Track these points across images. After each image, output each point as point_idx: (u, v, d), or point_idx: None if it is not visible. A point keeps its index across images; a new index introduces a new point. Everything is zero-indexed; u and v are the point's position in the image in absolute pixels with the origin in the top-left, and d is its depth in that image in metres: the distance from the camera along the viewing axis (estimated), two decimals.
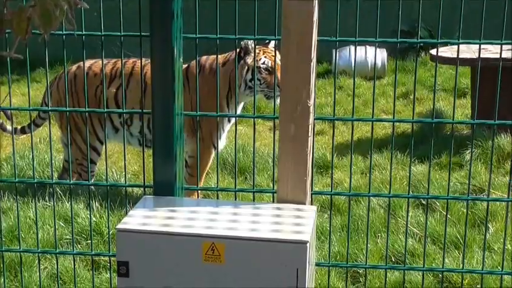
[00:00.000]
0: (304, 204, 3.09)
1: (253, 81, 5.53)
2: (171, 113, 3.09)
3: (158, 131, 3.14)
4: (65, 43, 3.36)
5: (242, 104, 5.95)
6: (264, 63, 5.58)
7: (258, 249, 2.76)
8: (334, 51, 9.66)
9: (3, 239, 3.85)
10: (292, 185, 3.08)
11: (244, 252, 2.77)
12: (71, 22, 2.13)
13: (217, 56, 3.37)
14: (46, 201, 5.55)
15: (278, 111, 3.06)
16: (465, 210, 5.31)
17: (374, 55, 9.48)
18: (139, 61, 5.74)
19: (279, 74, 5.45)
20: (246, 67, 5.58)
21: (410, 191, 4.22)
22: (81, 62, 5.86)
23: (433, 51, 7.39)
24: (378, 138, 7.24)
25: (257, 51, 5.57)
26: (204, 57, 5.77)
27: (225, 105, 5.69)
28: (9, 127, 6.07)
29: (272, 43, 5.68)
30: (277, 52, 5.53)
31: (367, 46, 9.50)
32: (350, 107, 8.27)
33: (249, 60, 5.55)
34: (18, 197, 5.35)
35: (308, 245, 2.75)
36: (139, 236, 2.83)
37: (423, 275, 3.76)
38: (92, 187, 5.17)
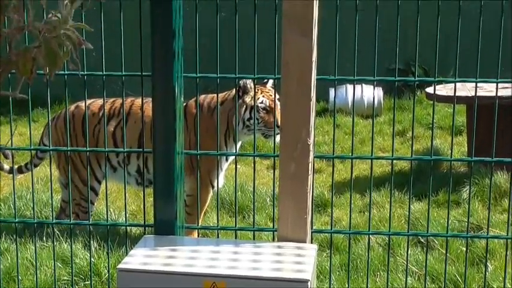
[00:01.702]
0: (305, 242, 3.10)
1: (251, 121, 5.56)
2: (172, 152, 3.11)
3: (159, 170, 3.16)
4: (60, 81, 3.38)
5: (240, 142, 5.97)
6: (262, 102, 5.61)
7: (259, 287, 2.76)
8: (331, 89, 9.74)
9: (0, 281, 3.83)
10: (293, 223, 3.09)
11: None
12: (75, 62, 2.15)
13: (217, 95, 3.40)
14: (43, 242, 5.53)
15: (278, 150, 3.08)
16: (464, 248, 5.31)
17: (371, 93, 9.54)
18: (137, 100, 5.81)
19: (277, 113, 5.52)
20: (245, 106, 5.61)
21: (409, 229, 4.22)
22: (79, 102, 5.90)
23: (429, 90, 7.44)
24: (375, 176, 7.25)
25: (256, 90, 5.61)
26: (202, 96, 5.80)
27: (223, 144, 5.71)
28: (6, 166, 6.07)
29: (270, 82, 5.73)
30: (275, 91, 5.59)
31: (363, 84, 9.56)
32: (347, 145, 8.33)
33: (247, 99, 5.58)
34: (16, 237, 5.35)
35: (309, 283, 2.75)
36: (141, 275, 2.83)
37: None
38: (90, 227, 5.16)
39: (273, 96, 5.57)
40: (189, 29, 3.29)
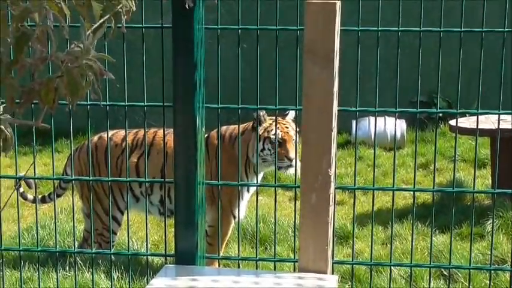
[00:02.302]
0: (326, 273, 3.09)
1: (265, 151, 5.59)
2: (193, 182, 3.12)
3: (180, 200, 3.17)
4: (84, 112, 3.41)
5: (262, 174, 5.98)
6: (274, 134, 5.60)
7: None
8: (353, 122, 9.73)
9: None
10: (314, 254, 3.08)
11: None
12: (97, 92, 2.17)
13: (238, 126, 3.41)
14: (66, 271, 5.55)
15: (299, 181, 3.09)
16: (487, 282, 5.26)
17: (394, 125, 9.52)
18: (160, 131, 5.84)
19: (288, 146, 5.52)
20: (258, 137, 5.63)
21: (432, 262, 4.20)
22: (102, 133, 5.94)
23: (452, 122, 7.41)
24: (398, 208, 7.21)
25: (271, 122, 5.63)
26: (224, 127, 5.83)
27: (244, 175, 5.72)
28: (30, 196, 6.11)
29: (291, 114, 5.74)
30: (292, 123, 5.59)
31: (386, 116, 9.54)
32: (370, 177, 8.28)
33: (261, 131, 5.60)
34: (38, 266, 5.37)
35: None
36: None
37: None
38: (112, 256, 5.18)
39: (289, 128, 5.58)
40: (210, 60, 3.32)
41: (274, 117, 5.67)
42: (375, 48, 3.44)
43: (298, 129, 5.49)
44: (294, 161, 5.42)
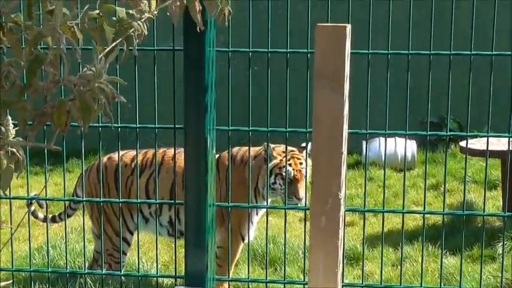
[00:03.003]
0: None
1: (275, 185, 5.60)
2: (204, 204, 3.13)
3: (190, 222, 3.18)
4: (94, 132, 3.43)
5: (270, 199, 5.99)
6: (286, 171, 5.58)
7: None
8: (363, 142, 9.74)
9: None
10: (323, 276, 3.07)
11: None
12: (108, 115, 2.19)
13: (249, 148, 3.42)
14: None
15: (309, 202, 3.09)
16: None
17: (404, 147, 9.51)
18: (169, 150, 5.86)
19: (298, 185, 5.52)
20: (270, 172, 5.65)
21: (442, 284, 4.19)
22: (111, 154, 5.97)
23: (463, 144, 7.41)
24: (408, 229, 7.20)
25: (282, 156, 5.64)
26: (236, 149, 5.84)
27: (253, 198, 5.72)
28: (40, 215, 6.13)
29: (310, 146, 5.77)
30: (306, 159, 5.58)
31: (397, 138, 9.54)
32: (380, 198, 8.29)
33: (272, 166, 5.63)
34: (48, 286, 5.37)
35: None
36: None
37: None
38: (122, 277, 5.18)
39: (303, 165, 5.58)
40: (221, 82, 3.34)
41: (288, 150, 5.70)
42: (383, 69, 3.46)
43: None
44: (303, 200, 5.42)
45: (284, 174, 5.56)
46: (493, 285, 5.75)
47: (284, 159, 5.61)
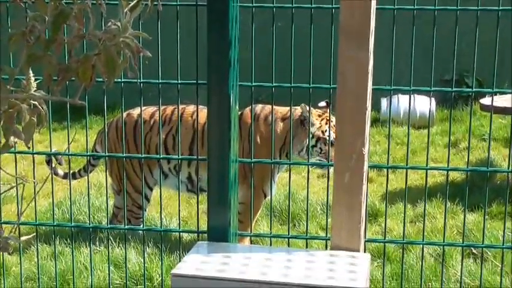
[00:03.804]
0: (358, 251, 3.09)
1: (315, 148, 5.61)
2: (227, 159, 3.13)
3: (213, 178, 3.17)
4: (116, 90, 3.42)
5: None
6: (329, 136, 5.58)
7: None
8: (382, 99, 9.69)
9: (56, 283, 3.90)
10: (346, 233, 3.08)
11: None
12: (134, 70, 2.18)
13: (272, 104, 3.41)
14: (96, 246, 5.60)
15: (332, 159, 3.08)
16: None
17: (424, 104, 9.46)
18: (187, 107, 5.85)
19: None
20: (311, 135, 5.66)
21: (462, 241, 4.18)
22: (130, 110, 5.97)
23: (483, 101, 7.36)
24: (427, 186, 7.19)
25: (320, 120, 5.66)
26: (260, 106, 5.82)
27: (278, 157, 5.72)
28: (60, 171, 6.17)
29: (321, 104, 5.78)
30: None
31: (416, 94, 9.49)
32: (398, 155, 8.27)
33: (313, 129, 5.62)
34: (69, 241, 5.42)
35: None
36: (194, 281, 2.85)
37: None
38: (144, 232, 5.21)
39: None
40: (244, 39, 3.31)
41: (321, 113, 5.70)
42: (404, 26, 3.42)
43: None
44: None
45: (326, 138, 5.57)
46: None
47: (322, 122, 5.61)
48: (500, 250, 4.82)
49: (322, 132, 5.67)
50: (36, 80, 2.20)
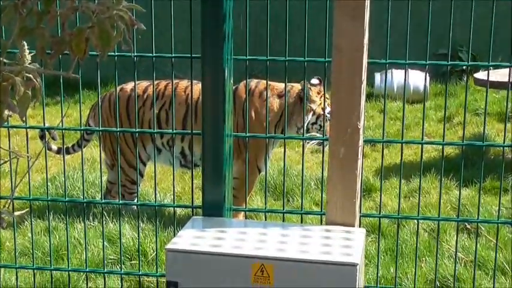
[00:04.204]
0: (353, 226, 3.08)
1: (315, 126, 5.63)
2: (221, 134, 3.11)
3: (208, 152, 3.16)
4: (108, 64, 3.38)
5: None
6: (324, 112, 5.58)
7: (308, 270, 2.75)
8: (376, 74, 9.67)
9: (50, 258, 3.88)
10: (341, 207, 3.07)
11: (293, 274, 2.76)
12: (128, 43, 2.15)
13: (267, 77, 3.38)
14: (90, 222, 5.60)
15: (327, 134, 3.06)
16: (510, 236, 5.25)
17: (417, 78, 9.44)
18: (181, 82, 5.82)
19: None
20: (312, 112, 5.66)
21: (456, 216, 4.18)
22: (123, 84, 5.93)
23: (477, 75, 7.34)
24: (419, 161, 7.19)
25: (320, 97, 5.66)
26: (255, 81, 5.80)
27: (272, 132, 5.71)
28: (54, 146, 6.15)
29: (313, 81, 5.82)
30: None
31: (409, 69, 9.47)
32: (392, 130, 8.26)
33: (314, 106, 5.63)
34: (62, 216, 5.40)
35: (358, 267, 2.74)
36: (189, 256, 2.84)
37: None
38: (135, 207, 5.20)
39: None
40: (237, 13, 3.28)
41: (318, 89, 5.71)
42: (400, 1, 3.39)
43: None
44: None
45: (327, 115, 5.57)
46: (505, 217, 5.76)
47: (322, 99, 5.61)
48: (495, 225, 4.84)
49: (322, 109, 5.68)
50: (30, 53, 2.17)
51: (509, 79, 3.19)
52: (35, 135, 7.51)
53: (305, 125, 5.64)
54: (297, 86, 5.77)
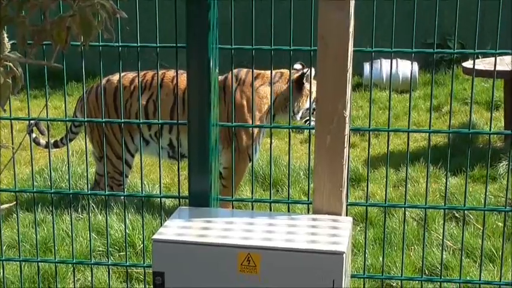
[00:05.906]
0: (340, 215, 3.08)
1: (308, 111, 5.61)
2: (207, 123, 3.09)
3: (194, 142, 3.14)
4: (93, 55, 3.37)
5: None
6: (310, 99, 5.59)
7: (294, 260, 2.74)
8: (365, 64, 9.67)
9: (37, 251, 3.87)
10: (328, 196, 3.06)
11: (280, 263, 2.75)
12: (110, 31, 2.13)
13: (252, 66, 3.36)
14: (78, 214, 5.58)
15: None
16: (500, 224, 5.27)
17: (406, 68, 9.44)
18: (168, 72, 5.80)
19: None
20: (308, 95, 5.66)
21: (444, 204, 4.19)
22: (109, 76, 5.90)
23: (466, 64, 7.35)
24: (409, 151, 7.19)
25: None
26: (245, 70, 5.78)
27: (264, 120, 5.70)
28: (42, 141, 6.12)
29: (296, 66, 5.81)
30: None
31: (398, 59, 9.47)
32: (381, 120, 8.27)
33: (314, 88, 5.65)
34: (51, 208, 5.39)
35: (344, 255, 2.73)
36: (176, 246, 2.82)
37: (460, 287, 3.71)
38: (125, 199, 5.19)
39: None
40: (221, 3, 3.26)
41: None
42: None
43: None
44: None
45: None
46: (494, 205, 5.77)
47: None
48: (482, 213, 4.84)
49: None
50: (10, 41, 2.15)
51: (494, 67, 3.19)
52: (22, 128, 7.49)
53: (301, 111, 5.63)
54: (287, 72, 5.76)
